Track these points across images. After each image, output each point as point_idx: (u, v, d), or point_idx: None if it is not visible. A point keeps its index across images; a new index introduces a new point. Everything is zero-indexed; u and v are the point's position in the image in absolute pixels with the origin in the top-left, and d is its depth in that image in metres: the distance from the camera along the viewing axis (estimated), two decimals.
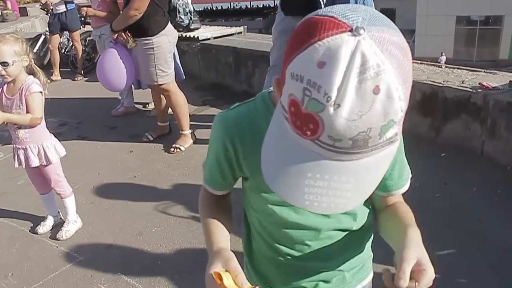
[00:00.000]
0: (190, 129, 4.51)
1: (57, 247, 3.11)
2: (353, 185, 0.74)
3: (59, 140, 3.13)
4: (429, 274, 0.83)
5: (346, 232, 1.12)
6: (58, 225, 3.28)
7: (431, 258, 0.86)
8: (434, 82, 4.01)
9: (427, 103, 4.02)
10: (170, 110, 4.58)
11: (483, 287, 2.43)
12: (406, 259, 0.83)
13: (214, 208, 1.14)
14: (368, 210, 1.15)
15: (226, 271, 0.90)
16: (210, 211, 1.13)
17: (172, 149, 4.42)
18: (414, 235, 0.91)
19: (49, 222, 3.30)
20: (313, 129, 0.68)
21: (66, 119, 5.52)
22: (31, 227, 3.34)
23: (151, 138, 4.73)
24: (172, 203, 3.46)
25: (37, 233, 3.24)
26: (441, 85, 3.93)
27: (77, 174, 4.01)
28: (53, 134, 3.12)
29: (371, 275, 1.26)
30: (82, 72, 7.54)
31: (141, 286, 2.67)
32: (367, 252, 1.23)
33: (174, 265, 2.81)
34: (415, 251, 0.85)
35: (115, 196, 3.71)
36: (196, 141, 4.53)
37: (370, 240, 1.22)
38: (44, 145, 2.97)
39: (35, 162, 2.96)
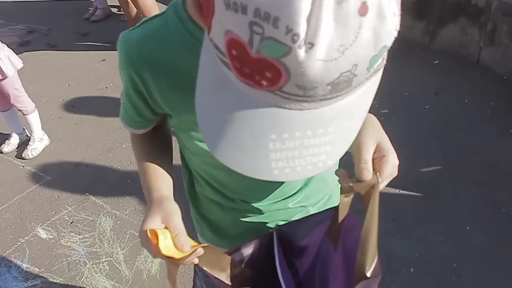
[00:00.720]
0: None
1: (23, 166, 2.94)
2: (333, 136, 0.51)
3: (28, 50, 2.83)
4: (391, 160, 0.70)
5: None
6: (24, 143, 3.09)
7: (393, 144, 0.72)
8: None
9: (422, 4, 3.66)
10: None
11: (466, 204, 2.32)
12: (365, 145, 0.69)
13: (148, 148, 0.92)
14: None
15: (166, 228, 0.72)
16: (145, 153, 0.92)
17: None
18: (373, 119, 0.76)
19: (14, 140, 3.11)
20: (272, 79, 0.44)
21: (35, 26, 5.09)
22: None
23: None
24: None
25: (1, 152, 3.06)
26: None
27: (45, 87, 3.74)
28: (19, 44, 2.82)
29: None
30: None
31: (109, 207, 2.55)
32: (333, 180, 1.03)
33: None
34: (373, 135, 0.71)
35: (85, 110, 3.48)
36: None
37: (336, 165, 1.01)
38: None
39: None
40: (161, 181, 0.86)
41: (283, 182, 0.91)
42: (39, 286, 2.14)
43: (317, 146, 0.51)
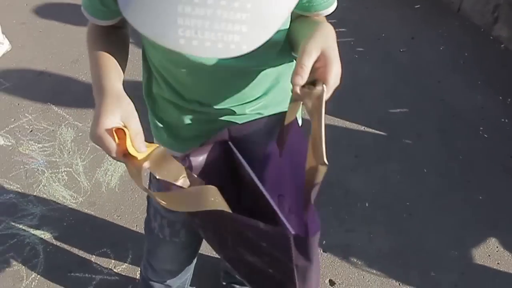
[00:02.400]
0: None
1: None
2: (251, 14, 0.48)
3: None
4: (335, 69, 0.67)
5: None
6: None
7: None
8: None
9: None
10: None
11: (426, 148, 2.38)
12: (306, 50, 0.66)
13: (104, 39, 0.87)
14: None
15: (125, 127, 0.69)
16: (100, 43, 0.86)
17: None
18: (326, 29, 0.72)
19: None
20: None
21: None
22: None
23: None
24: None
25: None
26: None
27: None
28: None
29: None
30: None
31: (72, 118, 2.48)
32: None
33: None
34: (319, 41, 0.68)
35: (50, 17, 3.29)
36: None
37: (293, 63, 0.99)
38: None
39: None
40: (115, 72, 0.79)
41: (242, 86, 0.89)
42: None
43: (231, 22, 0.48)
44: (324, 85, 0.66)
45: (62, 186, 2.13)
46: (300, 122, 0.94)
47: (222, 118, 0.94)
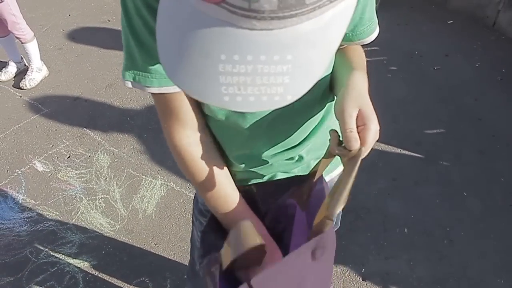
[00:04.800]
0: None
1: (20, 97, 2.88)
2: (292, 66, 0.47)
3: None
4: (373, 128, 0.68)
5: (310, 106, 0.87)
6: (22, 73, 3.01)
7: (374, 108, 0.71)
8: None
9: None
10: None
11: (466, 170, 2.31)
12: (347, 111, 0.68)
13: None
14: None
15: None
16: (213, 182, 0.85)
17: None
18: (358, 81, 0.74)
19: (12, 68, 3.02)
20: None
21: None
22: None
23: None
24: None
25: None
26: None
27: (44, 15, 3.61)
28: None
29: (341, 167, 1.05)
30: None
31: (108, 144, 2.52)
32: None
33: (144, 123, 2.63)
34: (355, 100, 0.70)
35: (85, 42, 3.38)
36: None
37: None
38: None
39: None
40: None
41: (286, 134, 0.88)
42: (35, 218, 2.14)
43: (272, 75, 0.46)
44: (361, 147, 0.67)
45: (100, 213, 2.16)
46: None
47: (268, 164, 0.93)
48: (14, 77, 3.03)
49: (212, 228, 0.85)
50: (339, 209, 0.65)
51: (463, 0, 3.47)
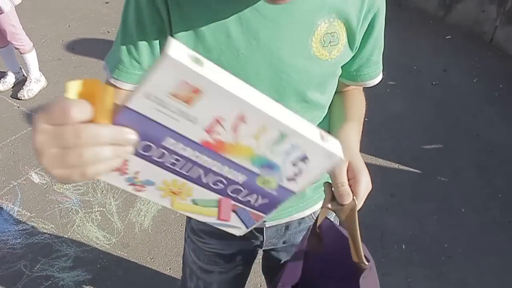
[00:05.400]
0: None
1: (18, 107, 2.87)
2: None
3: None
4: (364, 180, 0.68)
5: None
6: (21, 83, 3.00)
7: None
8: None
9: None
10: None
11: (464, 186, 2.31)
12: (338, 167, 0.68)
13: None
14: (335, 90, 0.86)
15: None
16: None
17: None
18: (349, 133, 0.76)
19: (10, 79, 3.02)
20: None
21: None
22: None
23: None
24: None
25: None
26: None
27: (44, 25, 3.62)
28: None
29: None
30: None
31: None
32: None
33: None
34: (346, 155, 0.69)
35: (85, 52, 3.38)
36: None
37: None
38: None
39: None
40: None
41: None
42: (30, 231, 2.12)
43: None
44: (355, 199, 0.66)
45: (96, 226, 2.14)
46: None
47: None
48: (12, 87, 3.02)
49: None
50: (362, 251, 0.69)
51: (461, 16, 3.49)
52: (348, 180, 0.67)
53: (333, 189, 0.67)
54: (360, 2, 0.71)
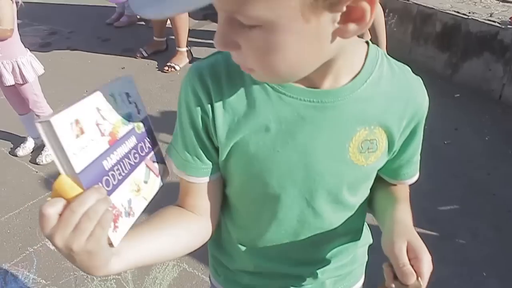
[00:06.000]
0: (187, 46, 4.20)
1: (36, 172, 2.93)
2: None
3: (48, 50, 2.83)
4: (426, 259, 0.69)
5: (336, 227, 0.86)
6: (39, 148, 3.08)
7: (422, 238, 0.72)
8: (458, 12, 3.59)
9: (446, 36, 3.63)
10: (168, 22, 4.27)
11: (483, 248, 2.27)
12: (397, 246, 0.70)
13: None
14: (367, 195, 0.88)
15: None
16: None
17: (167, 68, 4.14)
18: (403, 215, 0.79)
19: (29, 144, 3.10)
20: None
21: (57, 27, 5.13)
22: (11, 148, 3.15)
23: (146, 54, 4.41)
24: (164, 127, 3.23)
25: (16, 156, 3.06)
26: (466, 16, 3.51)
27: (63, 91, 3.74)
28: (40, 44, 2.82)
29: (361, 281, 1.04)
30: None
31: None
32: (362, 257, 1.01)
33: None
34: (403, 234, 0.72)
35: None
36: (192, 60, 4.23)
37: (366, 244, 0.99)
38: (19, 61, 2.68)
39: (9, 80, 2.69)
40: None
41: (314, 247, 0.87)
42: None
43: None
44: (420, 280, 0.67)
45: None
46: None
47: (280, 274, 0.91)
48: (31, 152, 3.10)
49: None
50: None
51: (468, 74, 3.56)
52: (409, 260, 0.69)
53: (395, 269, 0.69)
54: (402, 111, 0.74)
